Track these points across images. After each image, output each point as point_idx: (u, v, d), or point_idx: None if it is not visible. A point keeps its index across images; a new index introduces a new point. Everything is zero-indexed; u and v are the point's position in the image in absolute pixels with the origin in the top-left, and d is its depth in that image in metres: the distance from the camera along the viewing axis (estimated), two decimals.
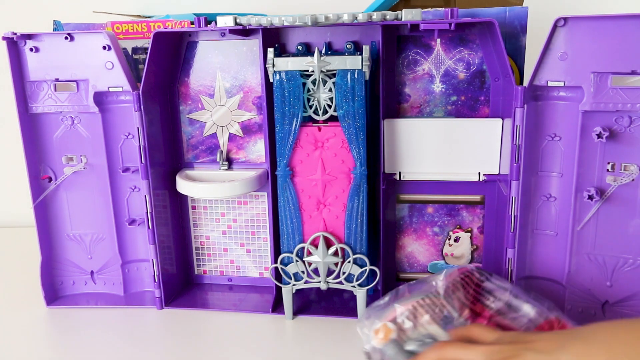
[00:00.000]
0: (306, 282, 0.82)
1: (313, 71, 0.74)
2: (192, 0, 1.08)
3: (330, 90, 0.75)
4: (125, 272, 0.91)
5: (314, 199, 0.79)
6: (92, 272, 0.91)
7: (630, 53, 0.68)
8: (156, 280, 0.87)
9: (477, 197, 0.85)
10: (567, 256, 0.78)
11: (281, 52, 0.82)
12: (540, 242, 0.80)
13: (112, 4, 1.01)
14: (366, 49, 0.73)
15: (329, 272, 0.81)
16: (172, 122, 0.88)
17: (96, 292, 0.92)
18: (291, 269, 0.82)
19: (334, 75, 0.75)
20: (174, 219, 0.91)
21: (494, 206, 0.85)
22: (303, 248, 0.80)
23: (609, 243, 0.76)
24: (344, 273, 0.80)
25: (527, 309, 0.60)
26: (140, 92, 0.79)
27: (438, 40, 0.80)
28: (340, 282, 0.81)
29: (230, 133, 0.88)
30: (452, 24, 0.71)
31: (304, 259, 0.81)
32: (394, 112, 0.83)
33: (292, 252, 0.81)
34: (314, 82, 0.75)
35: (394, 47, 0.81)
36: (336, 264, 0.80)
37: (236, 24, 0.75)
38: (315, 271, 0.81)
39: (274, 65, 0.75)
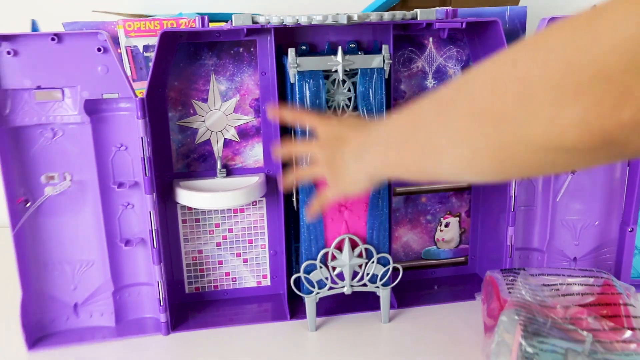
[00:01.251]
0: (330, 288, 0.80)
1: (334, 71, 0.75)
2: (192, 1, 1.00)
3: (349, 90, 0.76)
4: (117, 300, 0.81)
5: (335, 202, 0.79)
6: (75, 305, 0.80)
7: None
8: (162, 304, 0.79)
9: (464, 183, 0.92)
10: (547, 226, 0.89)
11: (283, 52, 0.80)
12: (524, 216, 0.90)
13: (112, 4, 0.89)
14: (386, 48, 0.75)
15: (353, 275, 0.80)
16: (161, 130, 0.81)
17: (82, 327, 0.80)
18: (315, 276, 0.79)
19: (354, 75, 0.76)
20: (164, 235, 0.84)
21: (479, 190, 0.92)
22: (327, 253, 0.79)
23: (575, 207, 0.89)
24: (367, 274, 0.80)
25: (576, 287, 0.72)
26: (145, 97, 0.72)
27: (431, 39, 0.85)
28: (364, 285, 0.81)
29: (225, 138, 0.84)
30: (463, 23, 0.76)
31: (328, 264, 0.79)
32: (392, 109, 0.87)
33: (315, 259, 0.78)
34: (333, 82, 0.75)
35: (393, 45, 0.84)
36: (360, 266, 0.80)
37: (253, 22, 0.72)
38: (339, 276, 0.80)
39: (298, 66, 0.73)
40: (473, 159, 0.43)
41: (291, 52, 0.73)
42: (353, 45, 0.82)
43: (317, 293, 0.80)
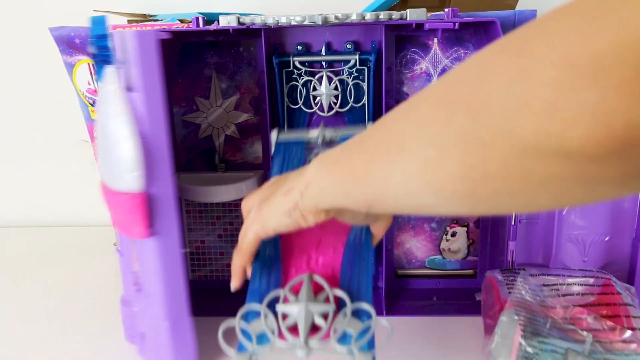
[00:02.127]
0: (275, 347, 0.50)
1: (313, 140, 0.75)
2: (193, 1, 1.06)
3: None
4: None
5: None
6: None
7: None
8: None
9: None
10: (553, 241, 0.83)
11: (280, 52, 0.82)
12: (529, 230, 0.84)
13: (111, 4, 0.97)
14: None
15: (313, 330, 0.50)
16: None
17: None
18: (256, 327, 0.51)
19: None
20: None
21: None
22: (278, 296, 0.52)
23: (584, 222, 0.82)
24: (335, 331, 0.49)
25: (576, 287, 0.71)
26: None
27: (435, 40, 0.82)
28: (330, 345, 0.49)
29: (226, 135, 0.87)
30: (456, 24, 0.73)
31: (276, 310, 0.51)
32: None
33: (260, 302, 0.52)
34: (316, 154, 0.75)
35: (392, 46, 0.82)
36: (325, 317, 0.50)
37: (239, 23, 0.74)
38: (293, 330, 0.50)
39: (278, 137, 0.76)
40: (436, 162, 0.34)
41: (273, 133, 0.76)
42: (350, 46, 0.81)
43: (252, 356, 0.49)
